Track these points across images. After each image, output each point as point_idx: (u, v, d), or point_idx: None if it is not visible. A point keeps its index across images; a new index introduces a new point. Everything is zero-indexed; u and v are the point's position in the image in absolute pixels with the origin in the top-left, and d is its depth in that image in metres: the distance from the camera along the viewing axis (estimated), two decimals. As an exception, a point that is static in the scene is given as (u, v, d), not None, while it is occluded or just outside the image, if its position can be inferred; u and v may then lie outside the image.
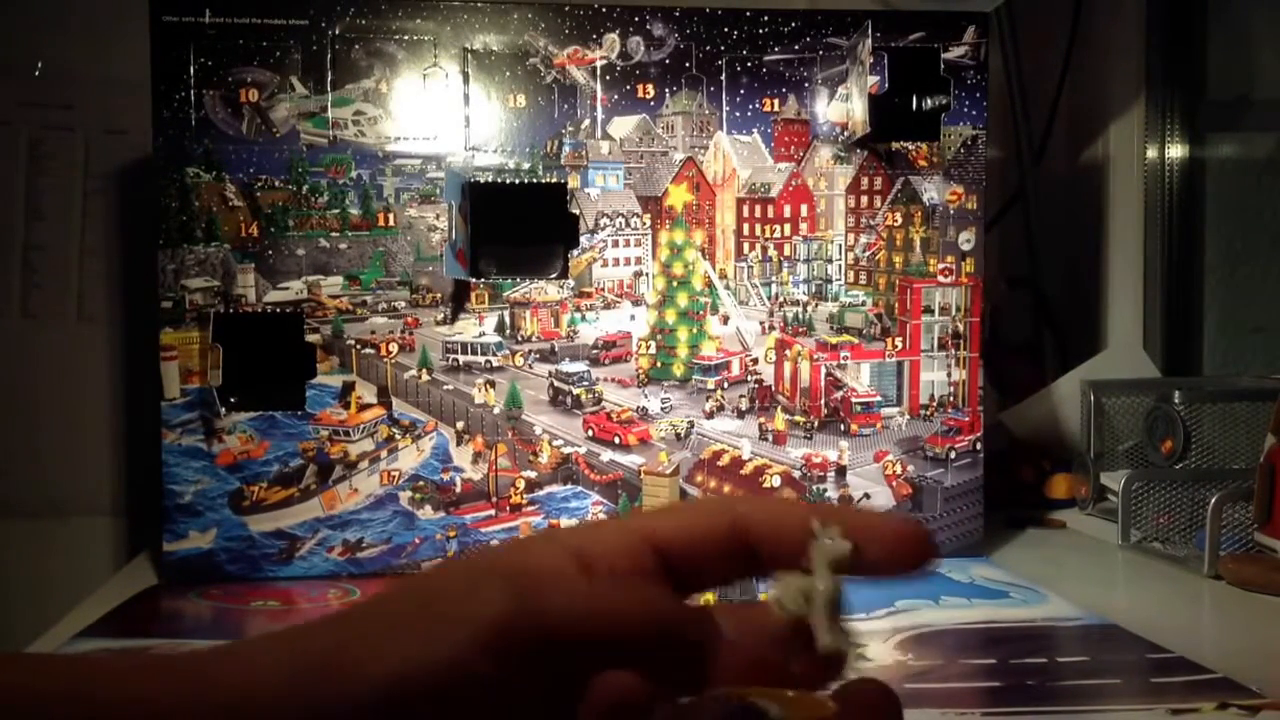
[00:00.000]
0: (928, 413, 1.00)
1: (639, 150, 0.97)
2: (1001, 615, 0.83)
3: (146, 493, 0.95)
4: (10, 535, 1.16)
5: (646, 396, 0.98)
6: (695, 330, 0.98)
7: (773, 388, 1.00)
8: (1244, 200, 1.38)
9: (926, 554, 0.35)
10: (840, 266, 1.00)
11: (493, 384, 0.96)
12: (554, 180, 0.95)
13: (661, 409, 0.98)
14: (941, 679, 0.69)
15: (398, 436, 0.94)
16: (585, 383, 0.97)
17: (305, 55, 0.91)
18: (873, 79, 0.97)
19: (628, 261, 0.98)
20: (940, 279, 1.00)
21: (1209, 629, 0.84)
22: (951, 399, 1.00)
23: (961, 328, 1.00)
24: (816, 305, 1.00)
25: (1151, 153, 1.41)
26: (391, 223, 0.94)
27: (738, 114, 0.97)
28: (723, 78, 0.97)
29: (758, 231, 1.00)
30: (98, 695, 0.31)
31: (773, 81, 0.97)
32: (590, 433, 0.97)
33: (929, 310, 1.00)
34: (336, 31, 0.92)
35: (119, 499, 1.18)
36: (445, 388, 0.95)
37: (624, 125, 0.96)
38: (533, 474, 0.96)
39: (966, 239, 1.00)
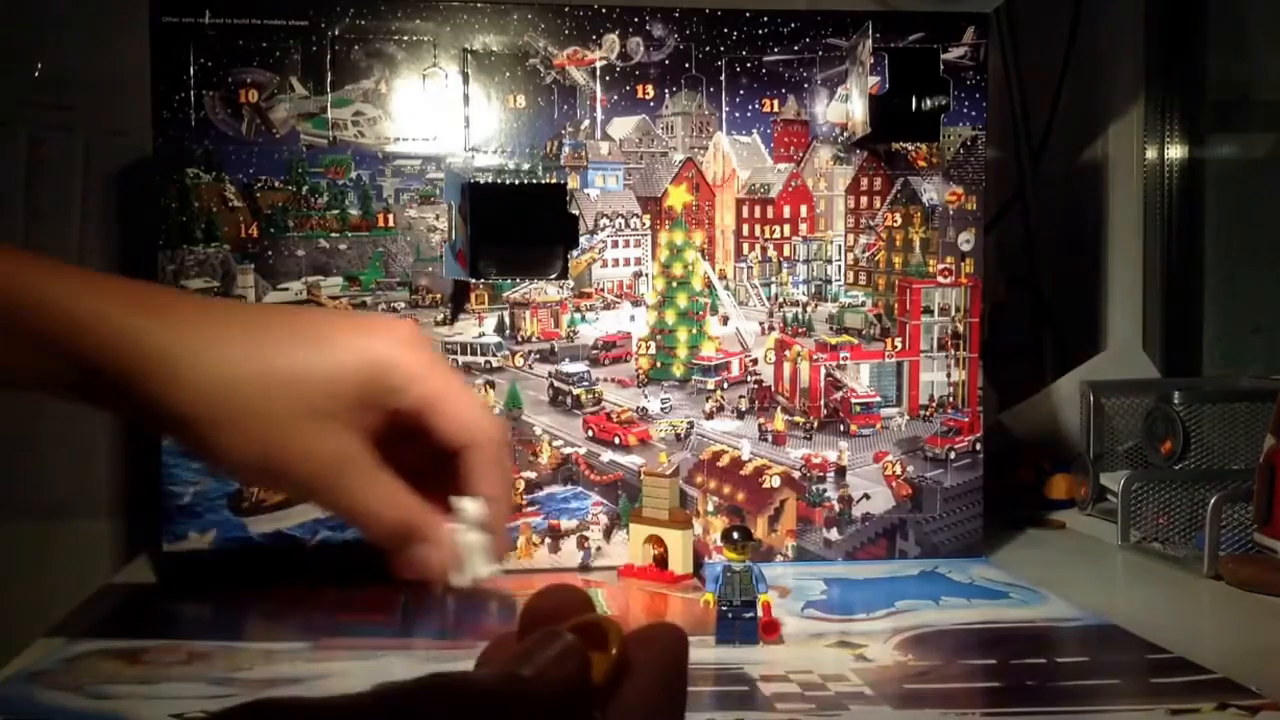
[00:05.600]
0: (927, 413, 1.00)
1: (639, 151, 0.97)
2: (1001, 616, 0.83)
3: (146, 493, 0.95)
4: (11, 536, 1.15)
5: (646, 397, 0.98)
6: (695, 331, 0.98)
7: (772, 388, 1.00)
8: (1244, 200, 1.38)
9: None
10: (840, 267, 1.00)
11: (492, 384, 0.96)
12: (554, 181, 0.95)
13: (661, 409, 0.98)
14: (941, 679, 0.69)
15: (397, 437, 0.94)
16: (585, 383, 0.97)
17: (305, 56, 0.91)
18: (873, 80, 0.97)
19: (627, 262, 0.98)
20: (940, 280, 1.00)
21: (1209, 629, 0.84)
22: (951, 399, 1.00)
23: (961, 328, 1.00)
24: (816, 306, 1.00)
25: (1151, 153, 1.41)
26: (391, 223, 0.94)
27: (737, 114, 0.97)
28: (722, 78, 0.97)
29: (757, 232, 1.00)
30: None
31: (772, 82, 0.97)
32: (590, 433, 0.97)
33: (928, 311, 1.00)
34: (336, 32, 0.92)
35: (119, 499, 1.18)
36: (445, 388, 0.95)
37: (624, 126, 0.96)
38: (533, 474, 0.96)
39: (966, 239, 1.00)
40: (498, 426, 0.48)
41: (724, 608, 0.76)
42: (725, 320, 0.99)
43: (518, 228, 0.96)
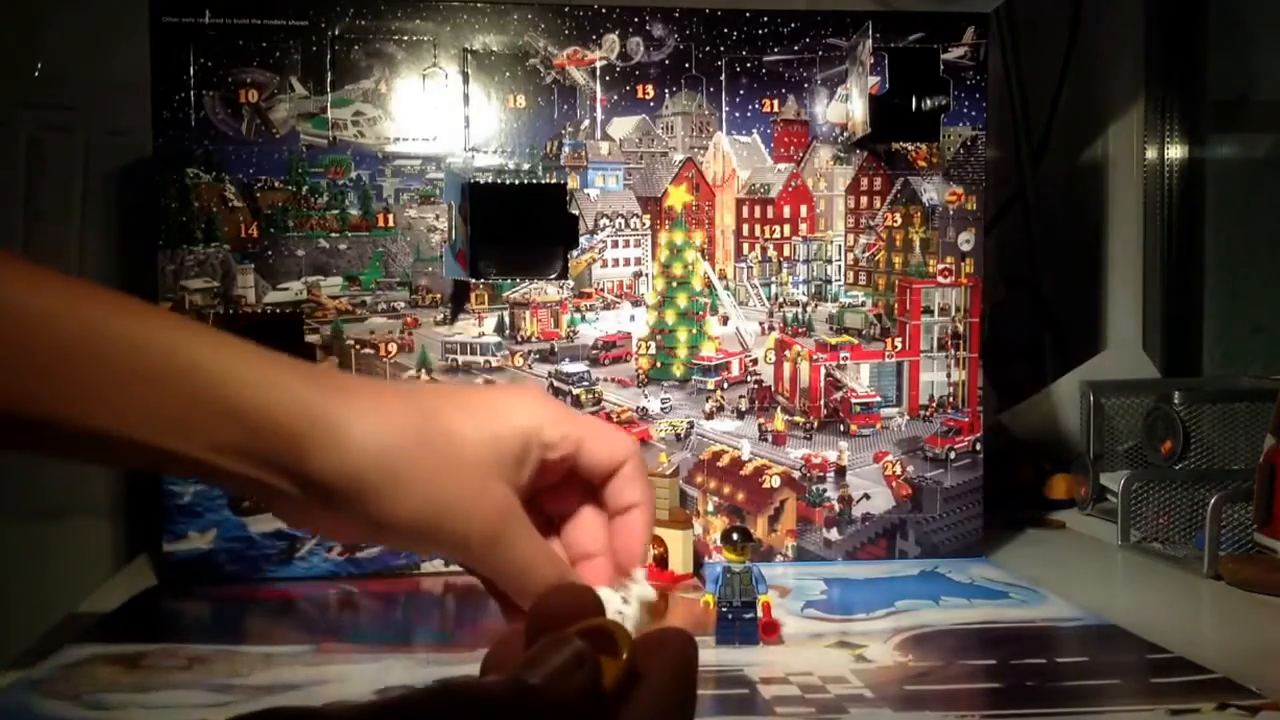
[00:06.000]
0: (927, 413, 1.00)
1: (639, 151, 0.97)
2: (1001, 616, 0.83)
3: (146, 493, 0.95)
4: (10, 536, 1.15)
5: (646, 397, 0.98)
6: (695, 331, 0.98)
7: (772, 388, 1.00)
8: (1244, 200, 1.38)
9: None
10: (840, 267, 1.00)
11: (492, 384, 0.96)
12: (554, 181, 0.95)
13: (661, 409, 0.98)
14: (941, 680, 0.69)
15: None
16: (585, 383, 0.97)
17: (305, 56, 0.91)
18: (872, 80, 0.97)
19: (627, 262, 0.98)
20: (940, 279, 1.00)
21: (1209, 629, 0.84)
22: (951, 399, 1.00)
23: (961, 328, 1.00)
24: (816, 306, 1.00)
25: (1151, 153, 1.41)
26: (391, 223, 0.94)
27: (737, 114, 0.97)
28: (722, 78, 0.97)
29: (757, 232, 1.00)
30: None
31: (772, 82, 0.97)
32: (590, 433, 0.96)
33: (928, 311, 1.00)
34: (336, 32, 0.92)
35: (119, 499, 1.18)
36: (445, 388, 0.95)
37: (624, 126, 0.96)
38: (532, 474, 0.96)
39: (966, 239, 1.00)
40: (636, 441, 0.51)
41: (724, 608, 0.76)
42: (725, 320, 0.99)
43: (518, 228, 0.96)
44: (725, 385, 0.99)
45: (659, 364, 0.98)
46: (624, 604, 0.59)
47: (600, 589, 0.59)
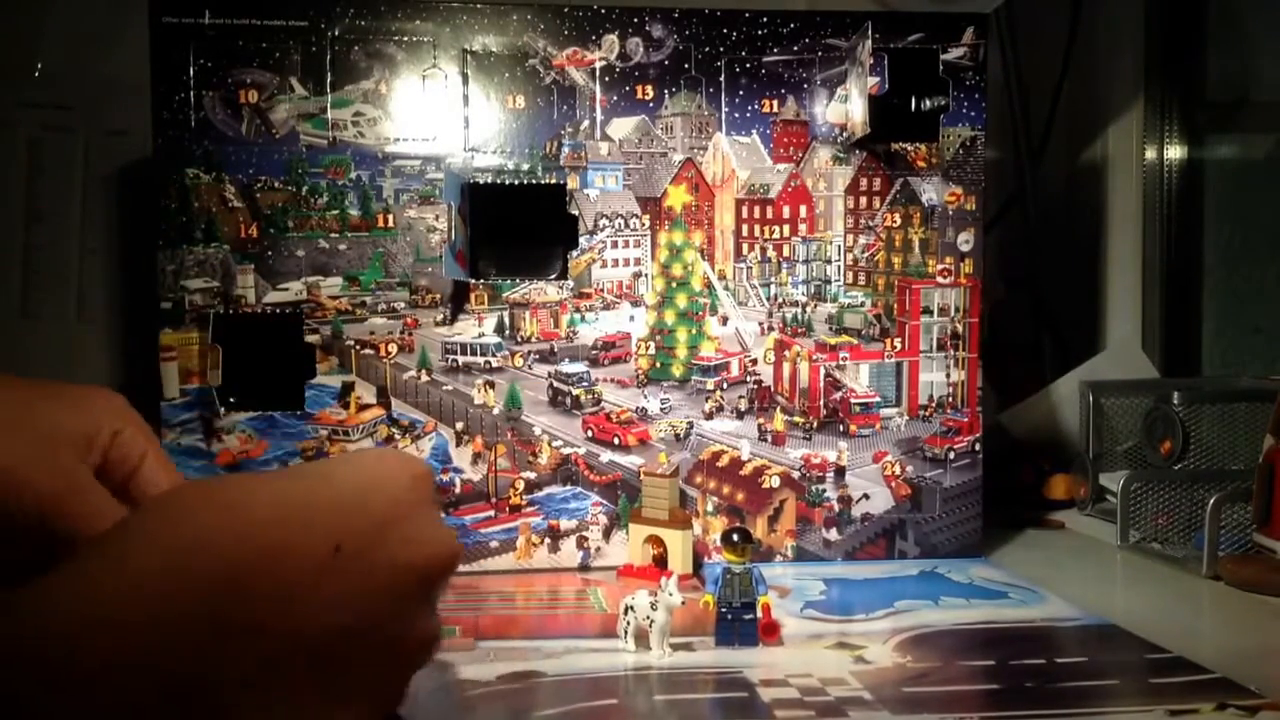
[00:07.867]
0: (927, 413, 1.00)
1: (638, 151, 0.97)
2: (1000, 616, 0.83)
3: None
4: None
5: (646, 397, 0.98)
6: (694, 331, 0.98)
7: (772, 388, 1.00)
8: (1244, 200, 1.38)
9: None
10: (839, 267, 1.00)
11: (492, 384, 0.96)
12: (553, 181, 0.95)
13: (661, 410, 0.98)
14: (940, 681, 0.69)
15: (397, 437, 0.94)
16: (585, 383, 0.97)
17: (305, 56, 0.91)
18: (872, 80, 0.97)
19: (627, 262, 0.98)
20: (939, 280, 1.00)
21: (1208, 629, 0.85)
22: (950, 400, 1.00)
23: (960, 328, 1.00)
24: (815, 306, 1.00)
25: (1151, 153, 1.41)
26: (391, 224, 0.94)
27: (737, 115, 0.97)
28: (722, 79, 0.97)
29: (757, 232, 1.00)
30: None
31: (772, 83, 0.97)
32: (590, 433, 0.97)
33: (928, 311, 1.00)
34: (336, 33, 0.92)
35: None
36: (444, 388, 0.95)
37: (623, 126, 0.96)
38: (532, 475, 0.96)
39: (965, 240, 1.00)
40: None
41: (724, 609, 0.76)
42: (725, 320, 0.99)
43: (517, 228, 0.96)
44: (725, 385, 0.99)
45: (658, 364, 0.98)
46: (653, 610, 0.73)
47: (637, 594, 0.74)
